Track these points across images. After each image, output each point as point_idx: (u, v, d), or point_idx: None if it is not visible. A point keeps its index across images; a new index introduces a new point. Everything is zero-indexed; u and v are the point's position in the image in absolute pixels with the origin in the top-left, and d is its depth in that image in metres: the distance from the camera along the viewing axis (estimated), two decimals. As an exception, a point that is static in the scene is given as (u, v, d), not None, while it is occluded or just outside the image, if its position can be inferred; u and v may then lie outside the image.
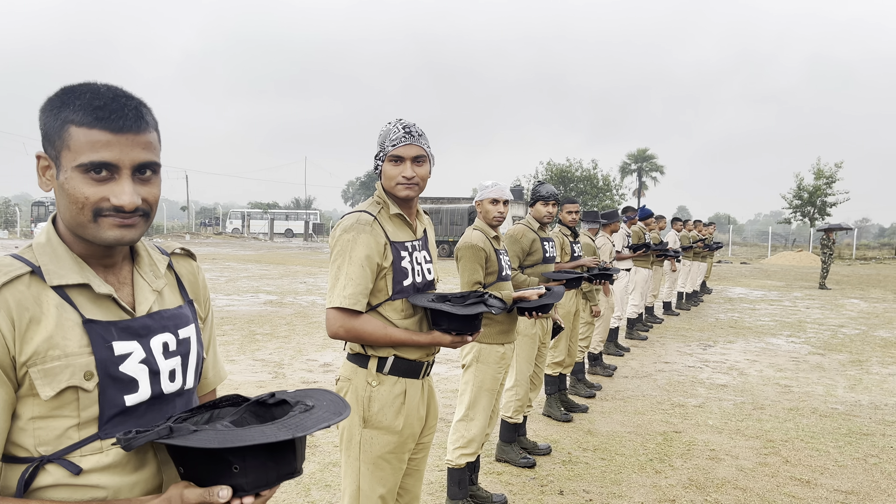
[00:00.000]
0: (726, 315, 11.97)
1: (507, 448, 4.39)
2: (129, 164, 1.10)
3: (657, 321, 10.64)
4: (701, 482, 4.12)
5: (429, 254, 2.39)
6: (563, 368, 5.48)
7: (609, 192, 43.70)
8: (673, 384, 6.64)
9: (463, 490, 3.60)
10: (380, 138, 2.27)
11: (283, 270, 18.95)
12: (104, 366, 1.11)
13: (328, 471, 4.09)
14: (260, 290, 13.79)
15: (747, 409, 5.77)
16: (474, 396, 3.55)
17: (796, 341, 9.33)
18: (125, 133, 1.09)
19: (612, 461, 4.45)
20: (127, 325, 1.16)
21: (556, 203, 4.46)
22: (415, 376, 2.29)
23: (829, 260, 17.47)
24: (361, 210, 2.25)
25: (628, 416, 5.51)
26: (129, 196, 1.09)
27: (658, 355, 8.11)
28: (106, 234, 1.11)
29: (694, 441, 4.89)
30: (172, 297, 1.29)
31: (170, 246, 1.38)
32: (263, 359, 7.19)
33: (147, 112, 1.14)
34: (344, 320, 2.14)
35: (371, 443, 2.22)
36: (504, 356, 3.57)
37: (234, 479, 1.02)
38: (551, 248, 4.50)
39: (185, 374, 1.24)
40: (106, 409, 1.11)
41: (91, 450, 1.10)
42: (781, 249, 39.56)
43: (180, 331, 1.24)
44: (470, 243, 3.39)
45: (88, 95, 1.09)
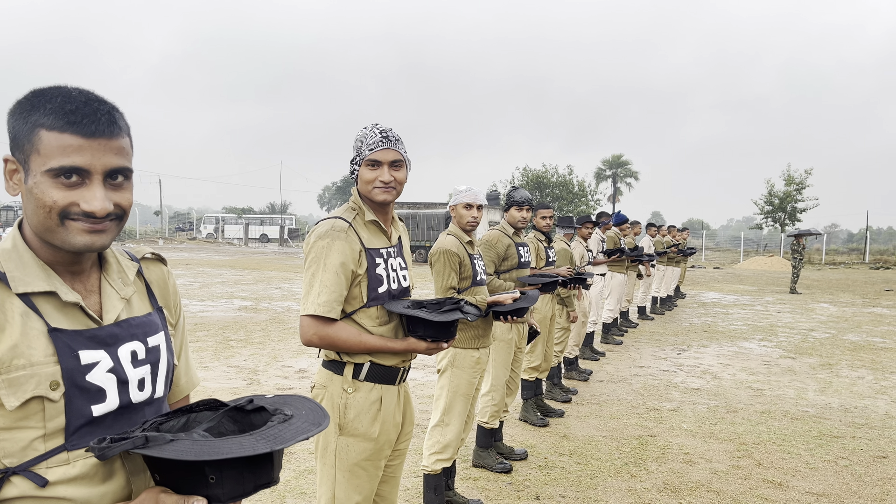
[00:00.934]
0: (700, 319, 12.10)
1: (483, 453, 4.39)
2: (100, 170, 1.08)
3: (632, 326, 10.73)
4: (675, 485, 4.15)
5: (404, 260, 2.38)
6: (539, 373, 5.49)
7: (584, 198, 44.01)
8: (648, 388, 6.69)
9: (439, 496, 3.59)
10: (356, 143, 2.25)
11: (257, 276, 18.78)
12: (70, 375, 1.08)
13: (303, 478, 4.05)
14: (234, 295, 13.65)
15: (720, 413, 5.83)
16: (449, 401, 3.55)
17: (768, 345, 9.46)
18: (97, 138, 1.07)
19: (588, 465, 4.46)
20: (94, 333, 1.13)
21: (530, 208, 4.49)
22: (391, 382, 2.27)
23: (799, 265, 17.77)
24: (336, 216, 2.23)
25: (604, 420, 5.54)
26: (101, 202, 1.07)
27: (633, 360, 8.17)
28: (75, 239, 1.09)
29: (668, 445, 4.92)
30: (141, 304, 1.26)
31: (140, 251, 1.35)
32: (238, 365, 7.11)
33: (120, 117, 1.12)
34: (318, 328, 2.13)
35: (347, 450, 2.20)
36: (479, 361, 3.56)
37: (211, 490, 1.01)
38: (526, 253, 4.52)
39: (154, 383, 1.21)
40: (72, 420, 1.08)
41: (57, 461, 1.08)
42: (753, 254, 40.15)
43: (149, 339, 1.22)
44: (443, 248, 3.39)
45: (60, 99, 1.07)
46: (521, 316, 3.11)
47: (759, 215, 39.45)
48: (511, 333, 4.31)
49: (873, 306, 14.84)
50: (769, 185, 38.70)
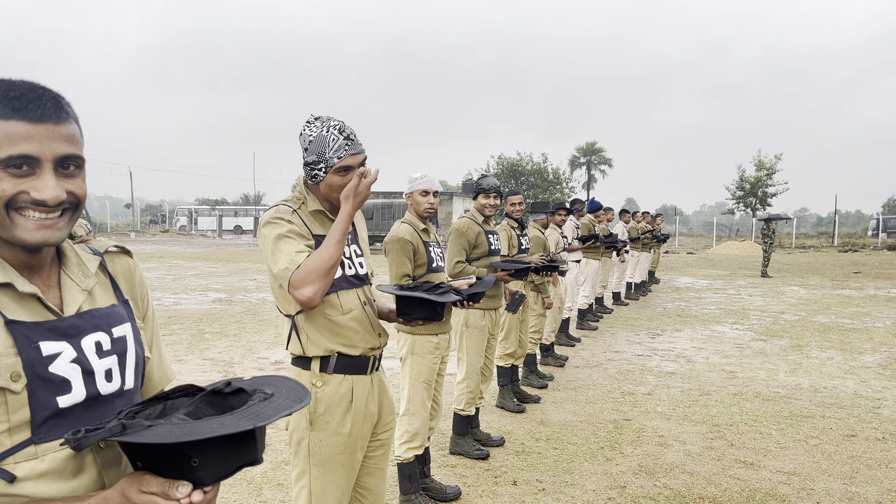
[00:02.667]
0: (674, 304, 12.25)
1: (460, 440, 4.40)
2: (50, 157, 1.05)
3: (607, 311, 10.82)
4: (650, 468, 4.20)
5: (359, 247, 2.32)
6: (515, 360, 5.52)
7: (559, 186, 44.25)
8: (623, 373, 6.76)
9: (414, 484, 3.59)
10: (312, 146, 2.14)
11: (232, 268, 18.60)
12: (32, 366, 1.05)
13: (280, 469, 4.03)
14: (208, 288, 13.51)
15: (694, 396, 5.91)
16: (412, 389, 3.56)
17: (740, 328, 9.60)
18: (44, 122, 1.04)
19: (565, 450, 4.50)
20: (54, 325, 1.11)
21: (498, 195, 4.49)
22: (361, 372, 2.24)
23: (769, 249, 18.06)
24: (281, 203, 2.18)
25: (580, 405, 5.59)
26: (52, 190, 1.04)
27: (608, 345, 8.25)
28: (27, 236, 1.06)
29: (643, 428, 4.98)
30: (104, 296, 1.24)
31: (103, 245, 1.33)
32: (213, 357, 7.05)
33: (66, 104, 1.10)
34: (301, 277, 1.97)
35: (320, 445, 2.18)
36: (438, 346, 3.57)
37: (195, 473, 0.99)
38: (496, 240, 4.54)
39: (123, 374, 1.19)
40: (37, 412, 1.06)
41: (25, 456, 1.05)
42: (726, 239, 40.71)
43: (114, 329, 1.19)
44: (397, 237, 3.39)
45: (3, 87, 1.04)
46: (477, 301, 3.13)
47: (731, 200, 40.01)
48: (484, 320, 4.32)
49: (842, 288, 15.13)
50: (740, 170, 39.23)
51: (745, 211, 40.28)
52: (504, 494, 3.80)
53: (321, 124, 2.16)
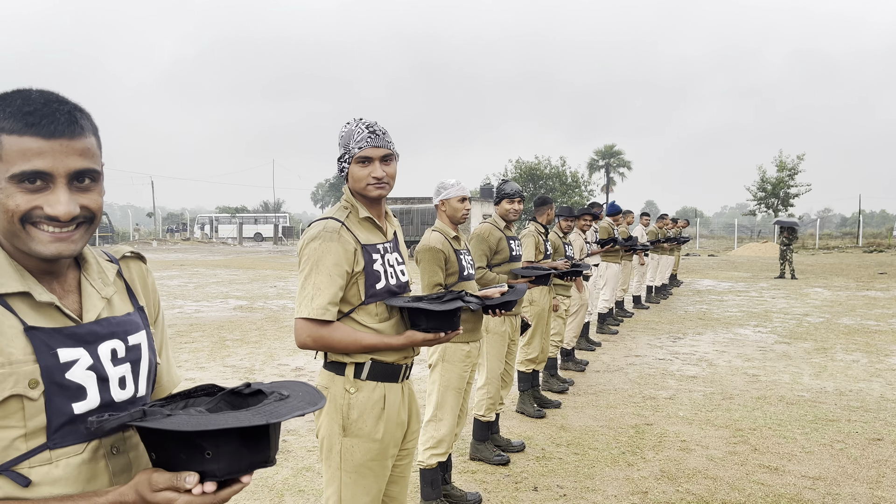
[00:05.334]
0: (695, 307, 12.14)
1: (480, 446, 4.39)
2: (63, 173, 1.06)
3: (627, 315, 10.75)
4: (672, 473, 4.17)
5: (400, 255, 2.36)
6: (535, 365, 5.50)
7: (578, 189, 44.06)
8: (644, 377, 6.71)
9: (436, 490, 3.59)
10: (342, 140, 2.23)
11: (252, 275, 18.75)
12: (49, 373, 1.07)
13: (301, 476, 4.06)
14: (229, 295, 13.63)
15: (717, 400, 5.85)
16: (441, 396, 3.55)
17: (763, 331, 9.49)
18: (57, 138, 1.05)
19: (586, 455, 4.48)
20: (72, 331, 1.13)
21: (521, 200, 4.48)
22: (394, 380, 2.25)
23: (788, 254, 18.08)
24: (328, 217, 2.21)
25: (601, 410, 5.56)
26: (65, 206, 1.06)
27: (629, 349, 8.19)
28: (42, 249, 1.08)
29: (665, 433, 4.94)
30: (122, 304, 1.26)
31: (119, 250, 1.34)
32: (234, 364, 7.11)
33: (82, 116, 1.10)
34: (312, 330, 2.11)
35: (352, 451, 2.19)
36: (469, 354, 3.57)
37: (207, 465, 1.01)
38: (517, 246, 4.52)
39: (136, 382, 1.21)
40: (53, 418, 1.08)
41: (40, 461, 1.07)
42: (747, 241, 40.28)
43: (130, 337, 1.21)
44: (428, 246, 3.38)
45: (19, 102, 1.06)
46: (510, 309, 3.12)
47: (753, 202, 39.55)
48: (504, 326, 4.31)
49: (867, 290, 14.90)
50: (761, 171, 38.81)
51: (766, 212, 39.82)
52: (525, 500, 3.79)
53: (354, 122, 2.24)
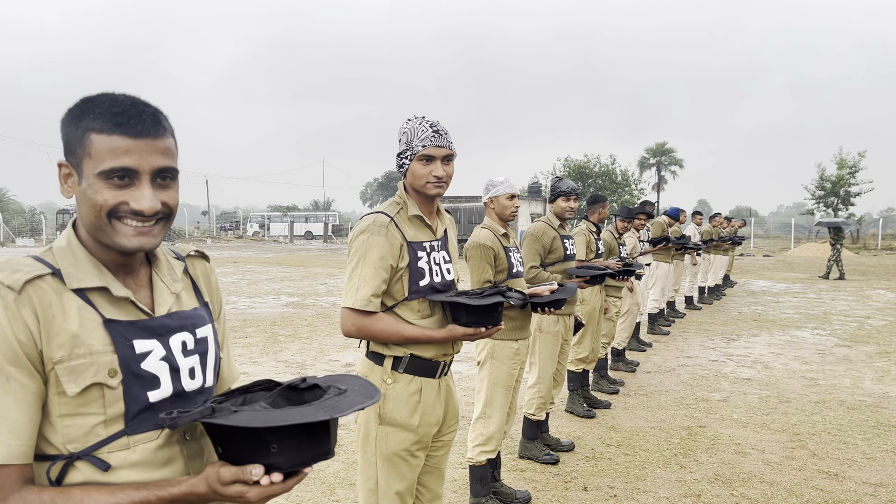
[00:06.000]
0: (749, 308, 11.85)
1: (529, 445, 4.39)
2: (148, 170, 1.12)
3: (679, 316, 10.56)
4: (727, 476, 4.08)
5: (448, 254, 2.39)
6: (586, 364, 5.46)
7: (628, 188, 43.45)
8: (696, 379, 6.59)
9: (485, 487, 3.60)
10: (404, 136, 2.27)
11: (303, 272, 19.06)
12: (126, 363, 1.14)
13: (352, 469, 4.12)
14: (281, 292, 13.89)
15: (773, 403, 5.71)
16: (490, 393, 3.56)
17: (822, 333, 9.21)
18: (143, 138, 1.12)
19: (637, 456, 4.43)
20: (146, 324, 1.19)
21: (577, 198, 4.44)
22: (430, 375, 2.29)
23: (835, 254, 17.76)
24: (379, 211, 2.27)
25: (652, 411, 5.48)
26: (149, 201, 1.12)
27: (680, 350, 8.05)
28: (124, 241, 1.14)
29: (719, 435, 4.85)
30: (189, 299, 1.32)
31: (184, 249, 1.41)
32: (286, 360, 7.25)
33: (164, 118, 1.17)
34: (356, 319, 2.18)
35: (386, 439, 2.24)
36: (518, 352, 3.57)
37: (271, 458, 1.05)
38: (571, 245, 4.48)
39: (204, 373, 1.27)
40: (130, 406, 1.14)
41: (118, 446, 1.13)
42: (805, 241, 39.07)
43: (198, 330, 1.27)
44: (478, 242, 3.39)
45: (107, 103, 1.12)
46: (559, 307, 3.11)
47: (811, 200, 38.36)
48: (558, 325, 4.29)
49: (933, 292, 14.30)
50: (820, 169, 37.59)
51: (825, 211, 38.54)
52: (574, 500, 3.77)
53: (416, 120, 2.28)
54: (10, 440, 1.04)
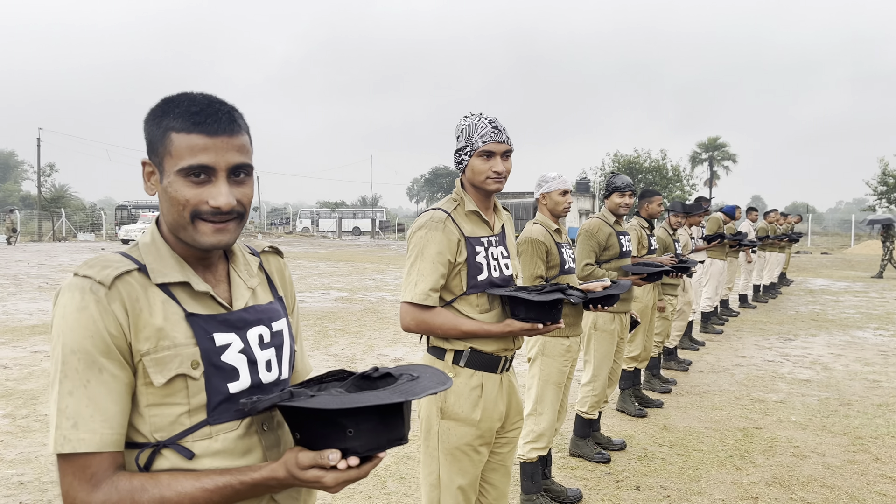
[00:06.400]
0: (807, 307, 11.50)
1: (580, 443, 4.35)
2: (224, 167, 1.16)
3: (733, 314, 10.32)
4: (785, 480, 3.98)
5: (506, 249, 2.40)
6: (637, 363, 5.39)
7: (679, 183, 42.60)
8: (752, 379, 6.43)
9: (536, 484, 3.59)
10: (463, 133, 2.30)
11: (352, 267, 19.28)
12: (208, 355, 1.18)
13: (403, 463, 4.15)
14: (330, 286, 14.07)
15: (833, 405, 5.53)
16: (541, 390, 3.54)
17: (885, 334, 8.88)
18: (220, 136, 1.15)
19: (690, 457, 4.34)
20: (225, 318, 1.23)
21: (632, 194, 4.37)
22: (492, 370, 2.29)
23: (887, 252, 17.23)
24: (436, 208, 2.30)
25: (705, 411, 5.37)
26: (226, 197, 1.16)
27: (735, 349, 7.87)
28: (204, 239, 1.18)
29: (776, 437, 4.72)
30: (264, 294, 1.36)
31: (259, 245, 1.46)
32: (336, 354, 7.34)
33: (239, 116, 1.20)
34: (415, 313, 2.22)
35: (448, 434, 2.25)
36: (569, 349, 3.54)
37: (348, 443, 1.07)
38: (627, 242, 4.42)
39: (280, 365, 1.30)
40: (212, 397, 1.18)
41: (201, 435, 1.18)
42: (865, 238, 37.70)
43: (273, 324, 1.31)
44: (530, 238, 3.38)
45: (186, 103, 1.16)
46: (611, 304, 3.07)
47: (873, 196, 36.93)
48: (613, 324, 4.24)
49: None
50: (883, 164, 36.17)
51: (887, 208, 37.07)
52: (627, 499, 3.72)
53: (475, 116, 2.31)
54: (104, 429, 1.09)
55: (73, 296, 1.11)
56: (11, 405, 5.20)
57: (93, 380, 1.09)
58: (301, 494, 1.33)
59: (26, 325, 8.81)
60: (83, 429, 1.08)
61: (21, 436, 4.52)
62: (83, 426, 1.08)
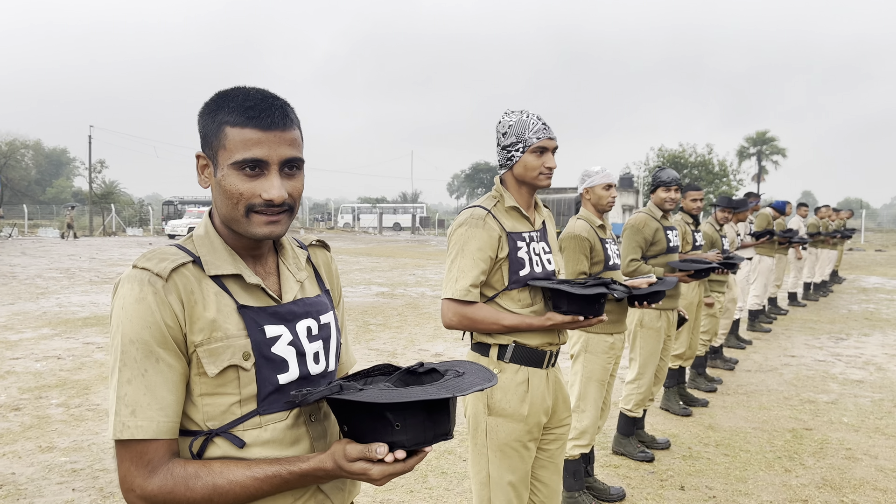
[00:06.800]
0: (860, 306, 11.15)
1: (624, 441, 4.29)
2: (276, 160, 1.18)
3: (781, 312, 10.07)
4: (836, 482, 3.86)
5: (548, 245, 2.40)
6: (683, 361, 5.30)
7: (725, 178, 41.74)
8: (801, 379, 6.26)
9: (579, 481, 3.56)
10: (512, 129, 2.30)
11: (392, 263, 19.39)
12: (258, 347, 1.20)
13: (444, 458, 4.16)
14: (372, 281, 14.18)
15: (887, 407, 5.35)
16: (583, 387, 3.50)
17: (942, 335, 8.55)
18: (273, 130, 1.17)
19: (737, 458, 4.25)
20: (275, 310, 1.25)
21: (678, 189, 4.29)
22: (537, 365, 2.29)
23: None
24: (476, 205, 2.31)
25: (752, 411, 5.25)
26: (278, 190, 1.17)
27: (783, 348, 7.68)
28: (256, 230, 1.20)
29: (827, 439, 4.59)
30: (312, 287, 1.38)
31: (307, 239, 1.48)
32: (378, 348, 7.39)
33: (291, 111, 1.22)
34: (457, 309, 2.23)
35: (496, 430, 2.25)
36: (613, 346, 3.49)
37: (395, 437, 1.08)
38: (675, 237, 4.33)
39: (327, 357, 1.32)
40: (262, 387, 1.20)
41: (252, 425, 1.20)
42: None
43: (321, 317, 1.32)
44: (573, 233, 3.34)
45: (240, 98, 1.18)
46: (656, 301, 3.01)
47: (930, 192, 35.59)
48: (660, 321, 4.17)
49: None
50: (941, 157, 34.81)
51: (946, 203, 35.66)
52: (671, 499, 3.66)
53: (520, 112, 2.32)
54: (160, 417, 1.12)
55: (132, 287, 1.14)
56: (65, 395, 5.38)
57: (150, 369, 1.12)
58: (346, 486, 1.34)
59: (78, 317, 9.09)
60: (141, 416, 1.11)
61: (74, 424, 4.66)
62: (141, 414, 1.11)
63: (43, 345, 7.24)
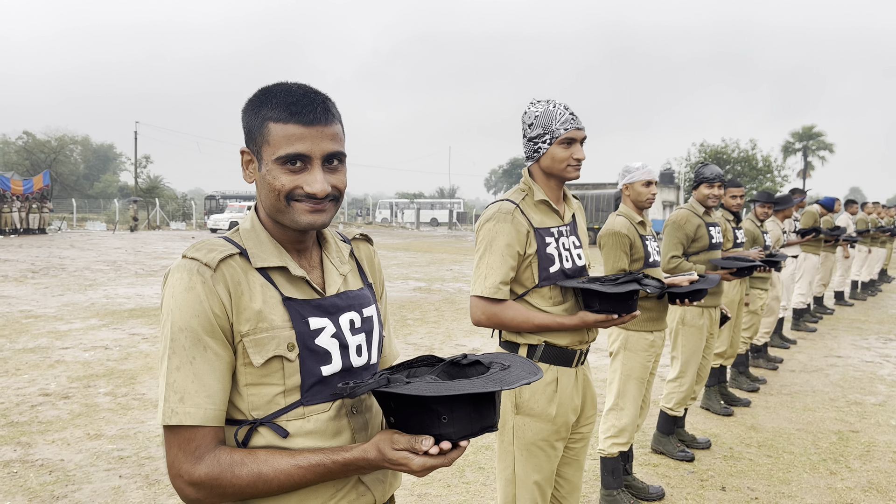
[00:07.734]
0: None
1: (664, 439, 4.24)
2: (319, 155, 1.20)
3: (827, 312, 9.82)
4: (884, 486, 3.76)
5: (578, 239, 2.35)
6: (724, 360, 5.21)
7: (769, 174, 40.82)
8: (848, 380, 6.11)
9: (617, 479, 3.53)
10: (538, 120, 2.25)
11: (429, 258, 19.44)
12: (303, 338, 1.22)
13: (481, 453, 4.17)
14: (409, 276, 14.25)
15: (939, 411, 5.19)
16: (622, 385, 3.46)
17: None
18: (315, 125, 1.19)
19: (780, 459, 4.17)
20: (319, 303, 1.27)
21: (721, 185, 4.22)
22: (567, 364, 2.26)
23: None
24: (504, 199, 2.26)
25: (796, 412, 5.14)
26: (321, 184, 1.19)
27: (829, 349, 7.49)
28: (300, 218, 1.22)
29: (874, 442, 4.47)
30: (355, 280, 1.39)
31: (350, 233, 1.50)
32: (415, 343, 7.43)
33: (332, 106, 1.24)
34: (485, 307, 2.19)
35: (524, 429, 2.23)
36: (653, 344, 3.44)
37: (442, 429, 1.09)
38: (717, 233, 4.26)
39: (370, 350, 1.34)
40: (306, 378, 1.22)
41: (295, 415, 1.22)
42: (977, 234, 35.06)
43: (364, 310, 1.34)
44: (613, 230, 3.29)
45: (283, 94, 1.20)
46: (698, 299, 2.96)
47: None
48: (702, 319, 4.11)
49: None
50: None
51: None
52: (711, 499, 3.61)
53: (546, 102, 2.26)
54: (207, 404, 1.15)
55: (181, 276, 1.17)
56: (112, 384, 5.53)
57: (198, 357, 1.15)
58: (387, 478, 1.35)
59: (125, 308, 9.33)
60: (189, 403, 1.14)
61: (121, 413, 4.80)
62: (189, 400, 1.14)
63: (91, 335, 7.45)
